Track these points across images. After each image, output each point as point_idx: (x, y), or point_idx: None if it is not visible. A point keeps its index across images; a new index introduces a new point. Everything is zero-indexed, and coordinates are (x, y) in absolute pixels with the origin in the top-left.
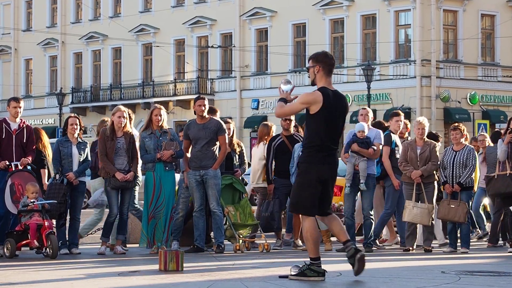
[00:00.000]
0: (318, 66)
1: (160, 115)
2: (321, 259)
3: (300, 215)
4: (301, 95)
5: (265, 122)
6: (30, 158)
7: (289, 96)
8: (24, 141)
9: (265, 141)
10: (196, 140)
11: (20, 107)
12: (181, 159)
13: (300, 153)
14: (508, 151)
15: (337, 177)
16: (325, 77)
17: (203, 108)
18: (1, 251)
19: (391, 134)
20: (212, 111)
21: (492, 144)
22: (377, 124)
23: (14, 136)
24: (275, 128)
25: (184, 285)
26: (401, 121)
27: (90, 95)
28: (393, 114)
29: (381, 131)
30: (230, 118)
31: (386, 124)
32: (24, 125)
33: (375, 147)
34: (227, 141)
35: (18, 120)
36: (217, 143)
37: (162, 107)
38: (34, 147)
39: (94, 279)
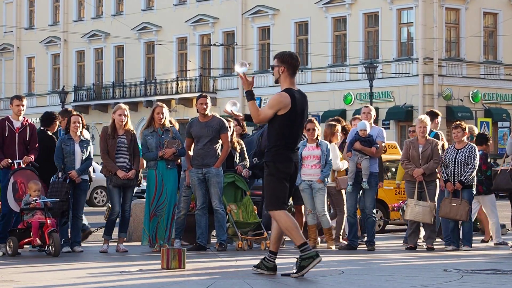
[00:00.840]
0: (283, 67)
1: (162, 113)
2: (323, 257)
3: (272, 213)
4: (270, 100)
5: (330, 122)
6: (32, 157)
7: (250, 84)
8: (27, 139)
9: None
10: (198, 138)
11: (23, 105)
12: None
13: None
14: None
15: None
16: (289, 78)
17: (205, 106)
18: (4, 249)
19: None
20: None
21: None
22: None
23: (16, 134)
24: (340, 128)
25: (186, 283)
26: (438, 122)
27: (92, 93)
28: (432, 113)
29: (383, 129)
30: (231, 116)
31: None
32: (27, 123)
33: (378, 145)
34: (229, 139)
35: (21, 118)
36: (220, 141)
37: (164, 105)
38: (37, 145)
39: (97, 277)
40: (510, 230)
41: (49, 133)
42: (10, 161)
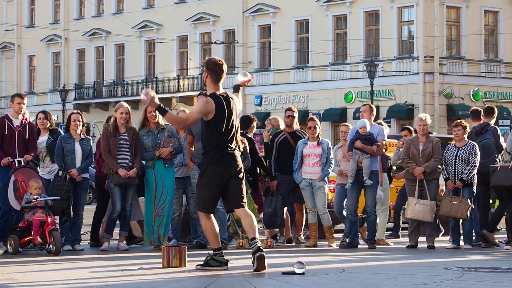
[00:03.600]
0: (206, 73)
1: (155, 111)
2: (324, 255)
3: (198, 212)
4: (198, 104)
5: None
6: (32, 155)
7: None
8: (27, 137)
9: None
10: (200, 136)
11: (24, 104)
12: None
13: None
14: None
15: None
16: (213, 83)
17: None
18: (5, 248)
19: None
20: None
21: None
22: None
23: (16, 132)
24: None
25: (187, 281)
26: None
27: (93, 92)
28: (489, 109)
29: (384, 127)
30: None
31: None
32: (26, 122)
33: (378, 143)
34: None
35: (20, 116)
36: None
37: None
38: (36, 143)
39: (98, 275)
40: (502, 228)
41: None
42: (10, 159)
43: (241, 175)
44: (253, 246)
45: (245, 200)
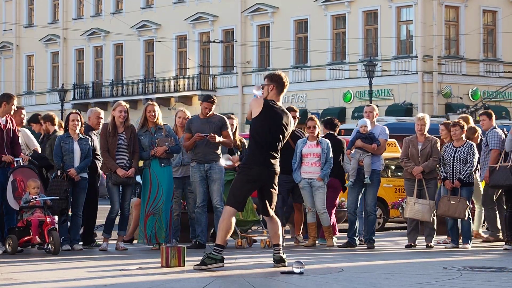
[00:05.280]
0: (272, 85)
1: (154, 111)
2: (323, 255)
3: (225, 206)
4: (250, 104)
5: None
6: (22, 154)
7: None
8: (11, 135)
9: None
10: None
11: None
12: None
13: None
14: None
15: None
16: (276, 96)
17: (208, 111)
18: (3, 247)
19: None
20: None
21: None
22: None
23: (4, 131)
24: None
25: (186, 281)
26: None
27: (92, 91)
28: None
29: (386, 127)
30: (233, 114)
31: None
32: (9, 119)
33: (379, 142)
34: (231, 135)
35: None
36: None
37: (155, 103)
38: (18, 140)
39: (96, 275)
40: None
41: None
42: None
43: (275, 185)
44: (276, 253)
45: (273, 206)
